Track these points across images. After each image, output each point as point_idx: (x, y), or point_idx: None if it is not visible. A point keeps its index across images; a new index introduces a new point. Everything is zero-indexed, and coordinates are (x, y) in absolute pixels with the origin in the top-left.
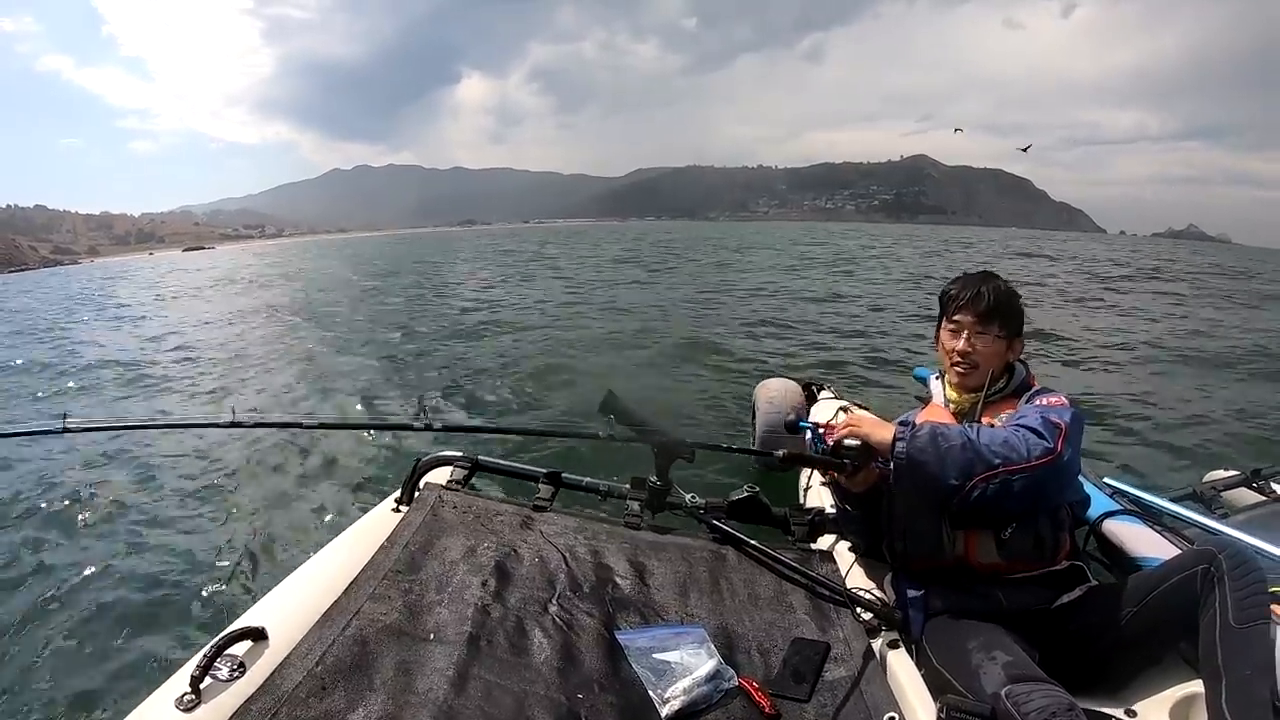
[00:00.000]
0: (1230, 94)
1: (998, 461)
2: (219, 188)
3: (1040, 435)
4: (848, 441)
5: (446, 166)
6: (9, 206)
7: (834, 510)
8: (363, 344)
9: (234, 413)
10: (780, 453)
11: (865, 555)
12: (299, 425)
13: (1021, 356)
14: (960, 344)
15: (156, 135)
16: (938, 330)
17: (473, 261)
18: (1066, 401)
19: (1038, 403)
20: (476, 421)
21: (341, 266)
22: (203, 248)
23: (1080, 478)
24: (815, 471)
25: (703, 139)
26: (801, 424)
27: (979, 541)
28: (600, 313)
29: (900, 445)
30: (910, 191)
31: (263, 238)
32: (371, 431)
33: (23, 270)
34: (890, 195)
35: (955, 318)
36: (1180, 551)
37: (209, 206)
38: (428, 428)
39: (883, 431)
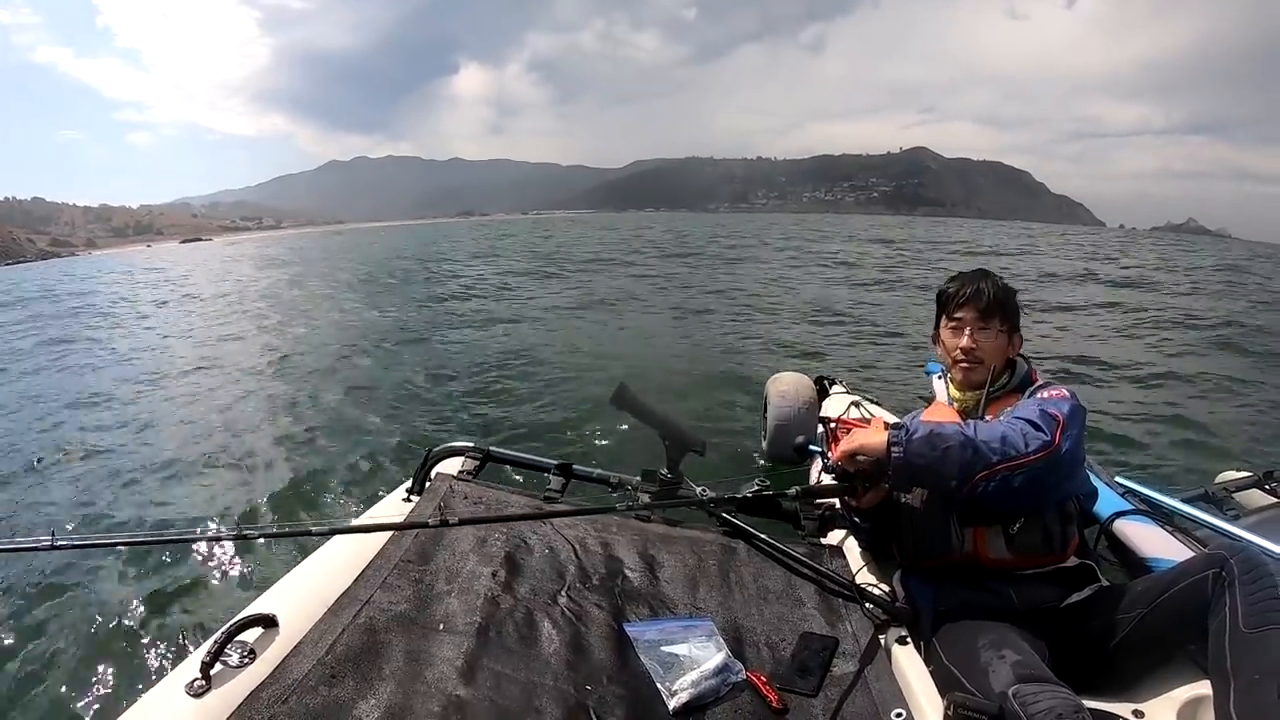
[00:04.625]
0: (1235, 88)
1: (995, 459)
2: (217, 180)
3: (1037, 428)
4: (858, 456)
5: (445, 157)
6: (7, 199)
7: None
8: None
9: (238, 525)
10: (795, 489)
11: (875, 552)
12: (308, 533)
13: (1022, 352)
14: (964, 340)
15: (154, 127)
16: (936, 331)
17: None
18: (1068, 393)
19: (1038, 396)
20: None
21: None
22: (200, 239)
23: (1092, 476)
24: (825, 467)
25: (702, 130)
26: (811, 448)
27: (988, 537)
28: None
29: (896, 450)
30: (910, 184)
31: (260, 229)
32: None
33: (20, 263)
34: (889, 187)
35: (957, 315)
36: (1192, 553)
37: (207, 198)
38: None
39: (876, 439)
